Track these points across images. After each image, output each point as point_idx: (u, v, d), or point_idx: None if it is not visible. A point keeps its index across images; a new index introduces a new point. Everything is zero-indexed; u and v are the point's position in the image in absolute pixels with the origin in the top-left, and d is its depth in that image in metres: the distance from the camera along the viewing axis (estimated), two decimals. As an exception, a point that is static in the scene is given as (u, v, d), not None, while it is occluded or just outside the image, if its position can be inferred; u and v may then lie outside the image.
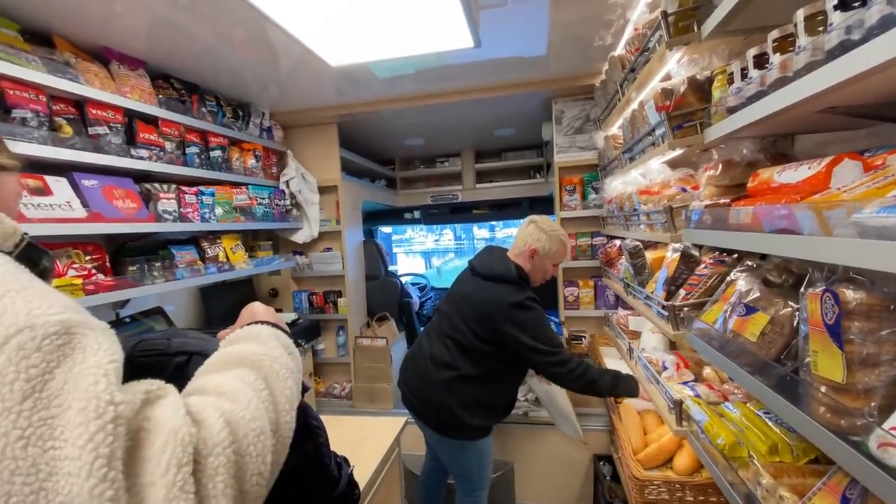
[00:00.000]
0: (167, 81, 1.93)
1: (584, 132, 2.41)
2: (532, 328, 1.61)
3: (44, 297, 0.39)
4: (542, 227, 1.75)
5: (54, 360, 0.36)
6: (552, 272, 1.77)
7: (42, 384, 0.35)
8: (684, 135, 1.20)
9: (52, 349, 0.36)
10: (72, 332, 0.38)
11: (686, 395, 1.27)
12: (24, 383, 0.34)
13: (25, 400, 0.34)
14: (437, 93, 2.45)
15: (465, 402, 1.69)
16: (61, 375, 0.36)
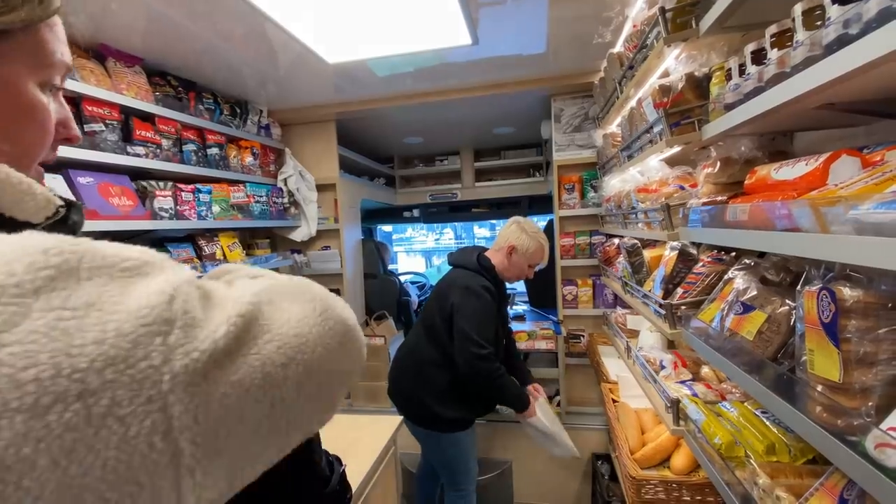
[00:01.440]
0: (164, 78, 1.92)
1: (583, 130, 2.40)
2: (471, 314, 1.70)
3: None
4: (524, 228, 1.85)
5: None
6: (528, 273, 1.83)
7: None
8: (682, 132, 1.19)
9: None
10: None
11: (683, 395, 1.26)
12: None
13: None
14: (435, 91, 2.44)
15: (435, 391, 1.76)
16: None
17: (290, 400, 0.37)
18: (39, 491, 0.24)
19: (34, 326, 0.26)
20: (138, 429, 0.27)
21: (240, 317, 0.34)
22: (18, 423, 0.24)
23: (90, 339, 0.27)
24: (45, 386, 0.25)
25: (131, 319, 0.29)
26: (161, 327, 0.30)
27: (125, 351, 0.28)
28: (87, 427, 0.26)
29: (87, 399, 0.26)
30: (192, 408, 0.30)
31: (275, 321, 0.37)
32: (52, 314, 0.27)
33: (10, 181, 0.36)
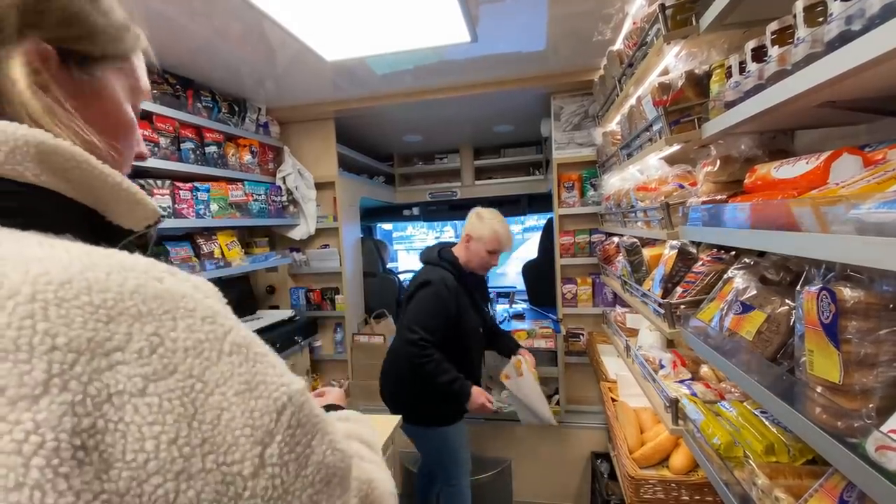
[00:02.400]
0: (162, 76, 1.91)
1: (583, 128, 2.39)
2: (416, 303, 1.76)
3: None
4: (480, 215, 1.89)
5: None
6: (489, 260, 1.86)
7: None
8: (682, 130, 1.18)
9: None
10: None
11: (682, 394, 1.25)
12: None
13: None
14: (435, 88, 2.43)
15: (415, 387, 1.79)
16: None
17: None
18: None
19: (174, 385, 0.27)
20: None
21: (327, 481, 0.35)
22: (124, 479, 0.24)
23: (209, 418, 0.28)
24: (160, 448, 0.25)
25: (245, 415, 0.30)
26: (263, 437, 0.30)
27: (228, 444, 0.28)
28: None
29: (181, 482, 0.26)
30: (287, 458, 0.31)
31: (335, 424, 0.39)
32: (189, 381, 0.28)
33: (129, 191, 0.38)
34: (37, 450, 0.22)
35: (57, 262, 0.27)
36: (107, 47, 0.40)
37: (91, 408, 0.24)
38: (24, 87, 0.34)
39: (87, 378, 0.24)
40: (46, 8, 0.35)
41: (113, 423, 0.24)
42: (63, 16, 0.36)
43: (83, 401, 0.24)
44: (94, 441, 0.24)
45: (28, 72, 0.34)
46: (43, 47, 0.35)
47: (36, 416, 0.22)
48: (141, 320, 0.28)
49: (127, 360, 0.26)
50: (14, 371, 0.23)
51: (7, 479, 0.21)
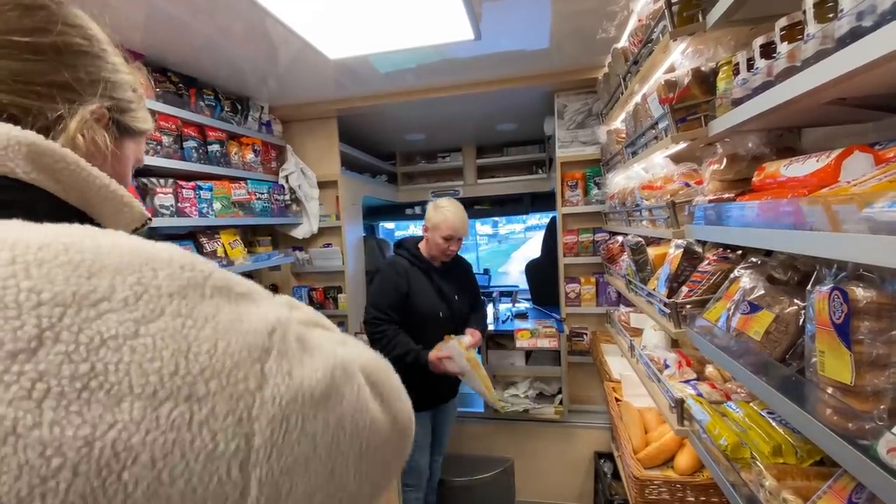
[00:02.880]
0: (164, 75, 1.91)
1: (587, 127, 2.38)
2: (370, 289, 1.91)
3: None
4: (437, 205, 1.93)
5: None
6: (445, 246, 1.88)
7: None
8: (688, 128, 1.17)
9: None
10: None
11: (688, 394, 1.25)
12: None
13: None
14: (437, 87, 2.42)
15: None
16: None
17: (347, 475, 0.38)
18: (132, 489, 0.25)
19: (164, 325, 0.29)
20: (224, 449, 0.29)
21: (334, 370, 0.37)
22: (137, 408, 0.26)
23: (204, 349, 0.30)
24: (164, 380, 0.27)
25: (238, 340, 0.32)
26: (261, 354, 0.32)
27: (228, 368, 0.30)
28: (187, 431, 0.28)
29: (192, 403, 0.28)
30: (270, 443, 0.31)
31: (359, 392, 0.40)
32: (178, 320, 0.30)
33: (116, 193, 0.42)
34: (45, 395, 0.24)
35: (34, 232, 0.29)
36: (137, 125, 0.52)
37: (86, 354, 0.26)
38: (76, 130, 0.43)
39: (78, 328, 0.26)
40: (115, 94, 0.49)
41: (113, 364, 0.26)
42: (122, 99, 0.50)
43: (77, 349, 0.26)
44: (96, 382, 0.26)
45: (89, 121, 0.45)
46: (103, 111, 0.47)
47: (37, 366, 0.24)
48: (122, 273, 0.29)
49: (114, 308, 0.28)
50: (6, 327, 0.25)
51: (26, 419, 0.23)
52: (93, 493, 0.24)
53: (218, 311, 0.32)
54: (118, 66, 0.50)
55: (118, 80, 0.49)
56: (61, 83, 0.43)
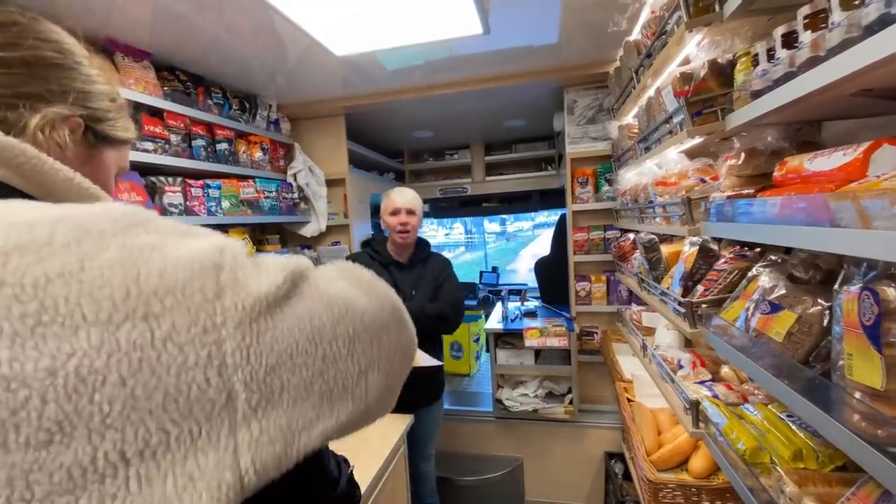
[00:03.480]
0: (172, 73, 1.91)
1: (597, 122, 2.34)
2: None
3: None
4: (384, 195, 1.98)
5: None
6: (395, 223, 1.86)
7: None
8: (704, 122, 1.14)
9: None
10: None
11: (703, 396, 1.21)
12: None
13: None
14: (445, 83, 2.40)
15: None
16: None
17: (341, 359, 0.39)
18: (108, 409, 0.27)
19: (110, 256, 0.30)
20: (195, 358, 0.30)
21: (289, 272, 0.37)
22: (94, 334, 0.28)
23: (154, 271, 0.31)
24: (117, 304, 0.29)
25: (188, 258, 0.33)
26: (213, 269, 0.33)
27: (181, 283, 0.31)
28: (151, 349, 0.29)
29: (150, 321, 0.29)
30: (244, 346, 0.32)
31: (321, 285, 0.40)
32: (124, 250, 0.31)
33: (81, 185, 0.43)
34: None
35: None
36: (116, 134, 0.54)
37: (33, 293, 0.27)
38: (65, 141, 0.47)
39: (21, 272, 0.27)
40: (90, 104, 0.50)
41: (62, 298, 0.28)
42: (97, 108, 0.51)
43: (24, 290, 0.27)
44: (48, 317, 0.27)
45: (50, 121, 0.46)
46: (77, 121, 0.49)
47: None
48: (63, 222, 0.31)
49: (57, 252, 0.29)
50: None
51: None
52: (67, 418, 0.26)
53: (164, 241, 0.33)
54: (93, 77, 0.52)
55: (93, 90, 0.51)
56: (30, 94, 0.45)
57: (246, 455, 0.32)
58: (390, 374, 0.45)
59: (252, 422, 0.32)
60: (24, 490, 0.25)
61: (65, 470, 0.26)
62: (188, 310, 0.31)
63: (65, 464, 0.26)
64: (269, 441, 0.33)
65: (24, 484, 0.25)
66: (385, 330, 0.44)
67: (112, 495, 0.27)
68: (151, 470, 0.28)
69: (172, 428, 0.29)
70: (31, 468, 0.25)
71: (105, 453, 0.27)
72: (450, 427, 2.60)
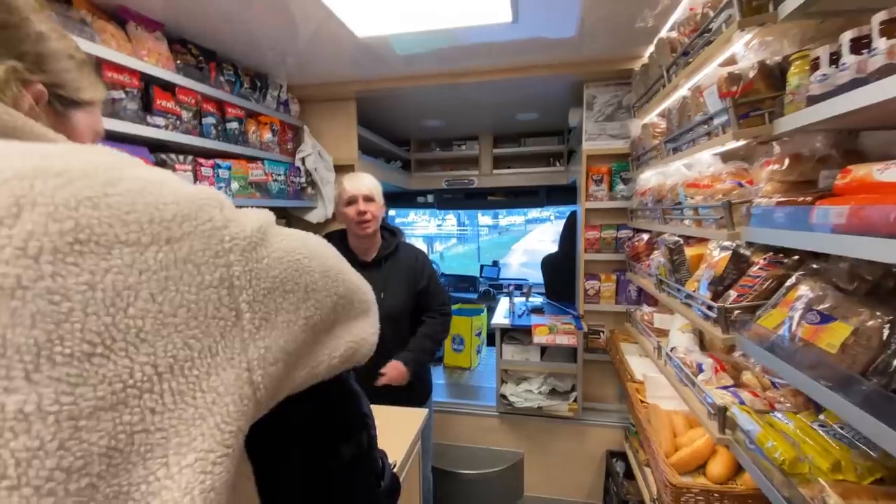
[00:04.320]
0: (185, 46, 1.82)
1: (616, 119, 2.31)
2: None
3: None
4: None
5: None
6: (353, 214, 1.67)
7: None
8: (750, 125, 1.11)
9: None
10: None
11: (729, 402, 1.21)
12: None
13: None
14: (463, 72, 2.34)
15: None
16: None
17: (319, 288, 0.44)
18: (142, 323, 0.29)
19: (129, 186, 0.31)
20: (210, 278, 0.33)
21: (265, 216, 0.42)
22: (126, 253, 0.29)
23: (170, 199, 0.33)
24: (144, 227, 0.31)
25: (194, 193, 0.35)
26: (217, 203, 0.37)
27: (194, 212, 0.34)
28: (175, 268, 0.31)
29: (173, 244, 0.32)
30: (247, 270, 0.36)
31: (288, 233, 0.44)
32: (139, 182, 0.32)
33: (29, 128, 0.40)
34: (39, 252, 0.26)
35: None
36: (81, 97, 0.50)
37: (67, 212, 0.28)
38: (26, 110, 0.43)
39: (51, 193, 0.28)
40: (48, 67, 0.47)
41: (95, 219, 0.29)
42: (57, 70, 0.48)
43: (57, 209, 0.27)
44: (84, 235, 0.28)
45: (30, 102, 0.44)
46: (40, 88, 0.46)
47: (24, 227, 0.26)
48: (72, 153, 0.32)
49: (76, 178, 0.29)
50: None
51: (27, 273, 0.25)
52: (107, 330, 0.28)
53: (168, 177, 0.35)
54: (45, 34, 0.46)
55: (47, 50, 0.47)
56: None
57: (257, 372, 0.35)
58: (359, 309, 0.52)
59: (258, 339, 0.36)
60: (72, 405, 0.25)
61: (107, 383, 0.27)
62: (203, 234, 0.34)
63: (107, 376, 0.27)
64: (273, 360, 0.37)
65: (72, 399, 0.25)
66: (346, 274, 0.50)
67: (151, 409, 0.29)
68: (182, 384, 0.30)
69: (195, 343, 0.32)
70: (77, 381, 0.26)
71: (141, 366, 0.29)
72: (450, 420, 2.59)
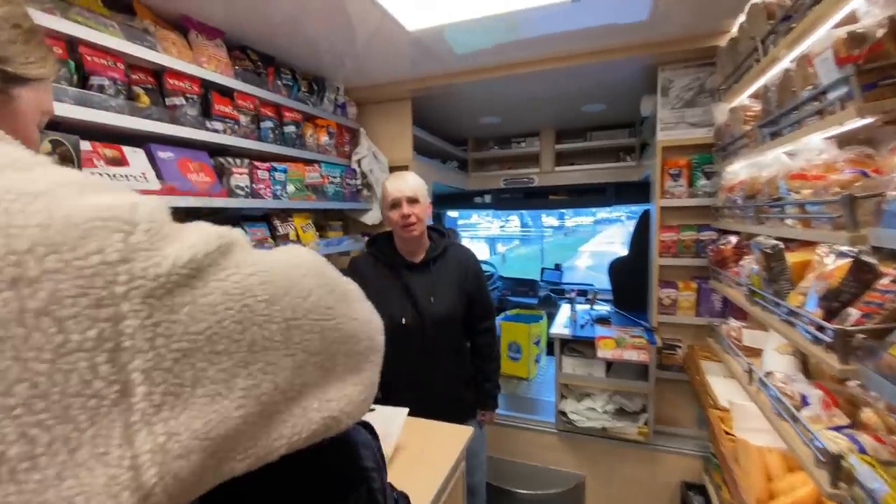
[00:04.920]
0: (244, 52, 1.88)
1: (696, 105, 2.03)
2: None
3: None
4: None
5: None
6: (397, 217, 1.56)
7: None
8: (879, 97, 0.87)
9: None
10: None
11: (845, 447, 0.96)
12: None
13: None
14: (521, 62, 2.20)
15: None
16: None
17: (276, 345, 0.31)
18: None
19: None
20: (80, 339, 0.24)
21: (220, 237, 0.31)
22: None
23: (34, 221, 0.24)
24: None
25: (86, 211, 0.26)
26: (122, 225, 0.27)
27: (73, 239, 0.25)
28: (17, 326, 0.23)
29: (21, 288, 0.23)
30: (149, 325, 0.26)
31: (259, 258, 0.33)
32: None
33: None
34: None
35: None
36: (26, 72, 0.44)
37: None
38: None
39: None
40: None
41: None
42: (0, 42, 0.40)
43: None
44: None
45: None
46: None
47: None
48: None
49: None
50: None
51: None
52: None
53: (57, 187, 0.26)
54: None
55: None
56: None
57: (149, 471, 0.25)
58: (351, 367, 0.38)
59: (155, 424, 0.25)
60: None
61: None
62: (79, 274, 0.24)
63: None
64: (180, 452, 0.26)
65: None
66: (339, 314, 0.37)
67: None
68: (11, 496, 0.22)
69: (41, 435, 0.22)
70: None
71: None
72: (506, 433, 2.44)
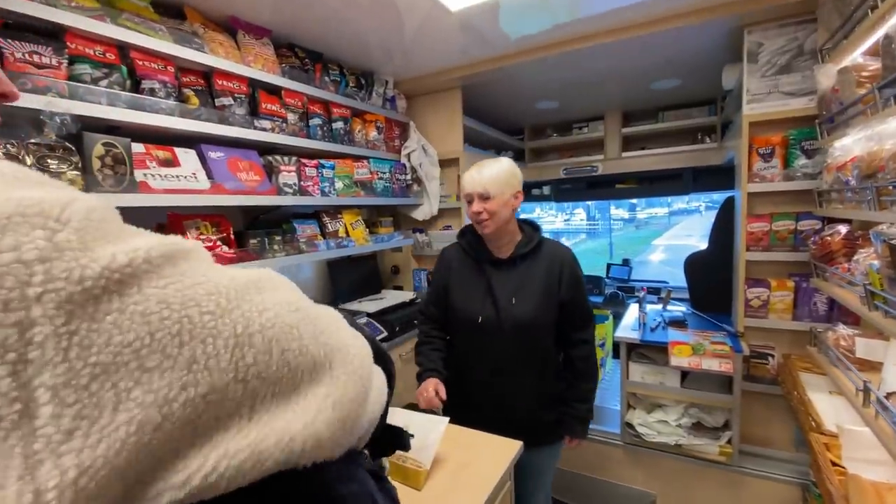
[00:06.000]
0: (291, 50, 1.89)
1: (794, 71, 1.71)
2: None
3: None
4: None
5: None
6: (472, 214, 1.43)
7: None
8: None
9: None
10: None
11: None
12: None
13: None
14: (579, 36, 2.00)
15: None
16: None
17: (216, 369, 0.26)
18: None
19: None
20: None
21: (170, 244, 0.28)
22: None
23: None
24: None
25: (8, 204, 0.23)
26: (47, 222, 0.23)
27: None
28: None
29: None
30: (63, 333, 0.22)
31: (215, 271, 0.29)
32: None
33: None
34: None
35: None
36: None
37: None
38: None
39: None
40: None
41: None
42: None
43: None
44: None
45: None
46: None
47: None
48: None
49: None
50: None
51: None
52: None
53: None
54: None
55: None
56: None
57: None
58: (330, 404, 0.32)
59: (64, 455, 0.21)
60: None
61: None
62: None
63: None
64: (96, 491, 0.21)
65: None
66: (298, 328, 0.31)
67: None
68: None
69: None
70: None
71: None
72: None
